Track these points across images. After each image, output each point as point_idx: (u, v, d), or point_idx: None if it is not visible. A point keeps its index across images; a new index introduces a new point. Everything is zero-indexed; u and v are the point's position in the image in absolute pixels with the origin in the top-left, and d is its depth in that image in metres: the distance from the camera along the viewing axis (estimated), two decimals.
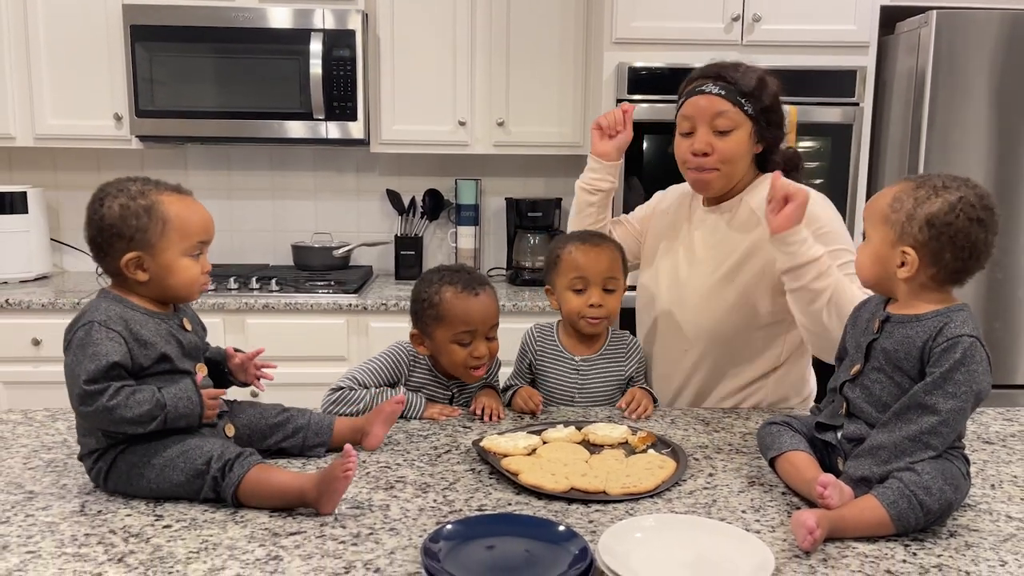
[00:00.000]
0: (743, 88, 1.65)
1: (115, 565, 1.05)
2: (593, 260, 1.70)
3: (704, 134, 1.66)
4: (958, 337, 1.16)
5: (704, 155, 1.66)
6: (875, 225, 1.24)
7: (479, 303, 1.62)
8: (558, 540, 1.06)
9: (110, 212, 1.25)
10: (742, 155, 1.69)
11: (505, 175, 3.53)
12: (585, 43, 3.15)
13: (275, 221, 3.53)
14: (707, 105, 1.65)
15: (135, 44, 2.98)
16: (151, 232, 1.25)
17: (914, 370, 1.20)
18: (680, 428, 1.61)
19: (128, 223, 1.25)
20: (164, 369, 1.27)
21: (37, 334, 2.82)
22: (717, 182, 1.71)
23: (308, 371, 2.90)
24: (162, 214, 1.26)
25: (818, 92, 2.82)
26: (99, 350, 1.20)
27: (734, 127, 1.65)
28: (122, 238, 1.25)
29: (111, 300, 1.27)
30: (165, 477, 1.22)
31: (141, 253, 1.26)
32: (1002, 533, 1.17)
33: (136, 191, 1.27)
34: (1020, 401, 2.79)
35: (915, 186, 1.21)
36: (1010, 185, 2.74)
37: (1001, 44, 2.68)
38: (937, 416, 1.15)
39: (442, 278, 1.64)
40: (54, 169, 3.43)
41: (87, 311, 1.26)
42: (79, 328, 1.23)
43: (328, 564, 1.06)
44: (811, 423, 1.34)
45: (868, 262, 1.25)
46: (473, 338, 1.62)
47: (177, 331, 1.31)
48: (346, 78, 3.03)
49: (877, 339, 1.25)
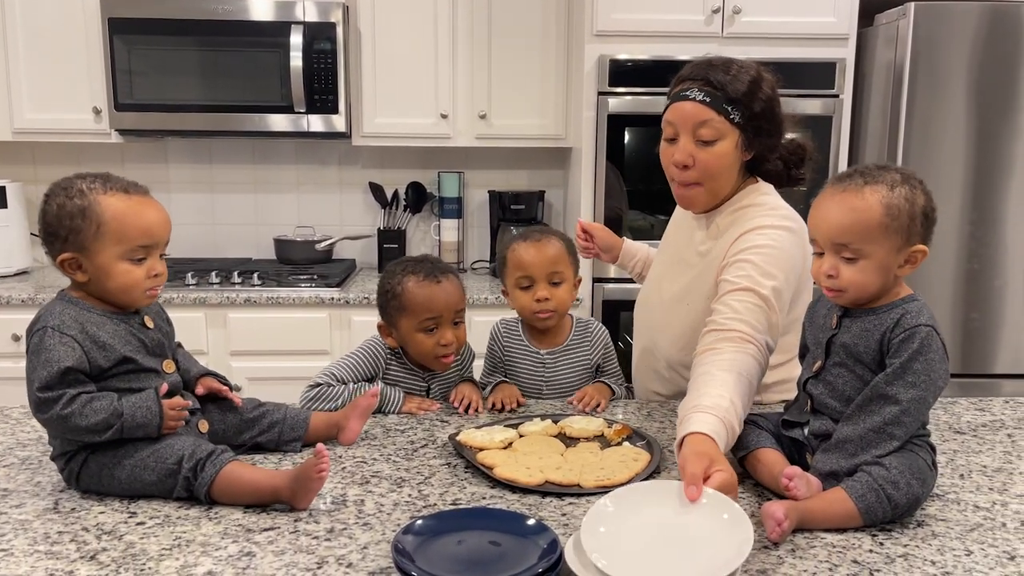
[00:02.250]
0: (731, 94, 1.52)
1: (87, 563, 1.05)
2: (535, 255, 1.70)
3: (686, 143, 1.55)
4: (915, 327, 1.18)
5: (685, 167, 1.56)
6: (875, 240, 1.18)
7: (441, 290, 1.63)
8: (528, 534, 1.07)
9: (49, 210, 1.24)
10: (726, 167, 1.57)
11: (488, 168, 3.53)
12: (567, 35, 3.15)
13: (257, 215, 3.52)
14: (691, 113, 1.53)
15: (113, 36, 2.96)
16: (84, 234, 1.22)
17: (874, 362, 1.22)
18: (656, 421, 1.62)
19: (63, 223, 1.22)
20: (128, 369, 1.26)
21: (17, 330, 2.81)
22: (702, 198, 1.61)
23: (290, 365, 2.90)
24: (97, 215, 1.22)
25: (798, 84, 2.83)
26: (52, 356, 1.19)
27: (719, 137, 1.53)
28: (58, 238, 1.23)
29: (66, 302, 1.25)
30: (136, 477, 1.22)
31: (76, 254, 1.23)
32: (969, 523, 1.19)
33: (76, 190, 1.23)
34: (998, 391, 2.82)
35: (888, 188, 1.18)
36: (987, 176, 2.76)
37: (979, 36, 2.69)
38: (899, 406, 1.17)
39: (404, 269, 1.66)
40: (33, 163, 3.40)
41: (42, 315, 1.24)
42: (34, 334, 1.22)
43: (301, 559, 1.07)
44: (778, 420, 1.36)
45: (874, 278, 1.19)
46: (438, 325, 1.63)
47: (138, 330, 1.29)
48: (327, 71, 3.02)
49: (836, 334, 1.26)
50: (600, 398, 1.69)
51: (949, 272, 2.79)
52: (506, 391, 1.69)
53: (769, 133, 1.58)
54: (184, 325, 2.13)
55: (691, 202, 1.63)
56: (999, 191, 2.77)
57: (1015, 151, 2.75)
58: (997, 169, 2.76)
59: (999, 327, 2.84)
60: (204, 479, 1.20)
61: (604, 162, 2.87)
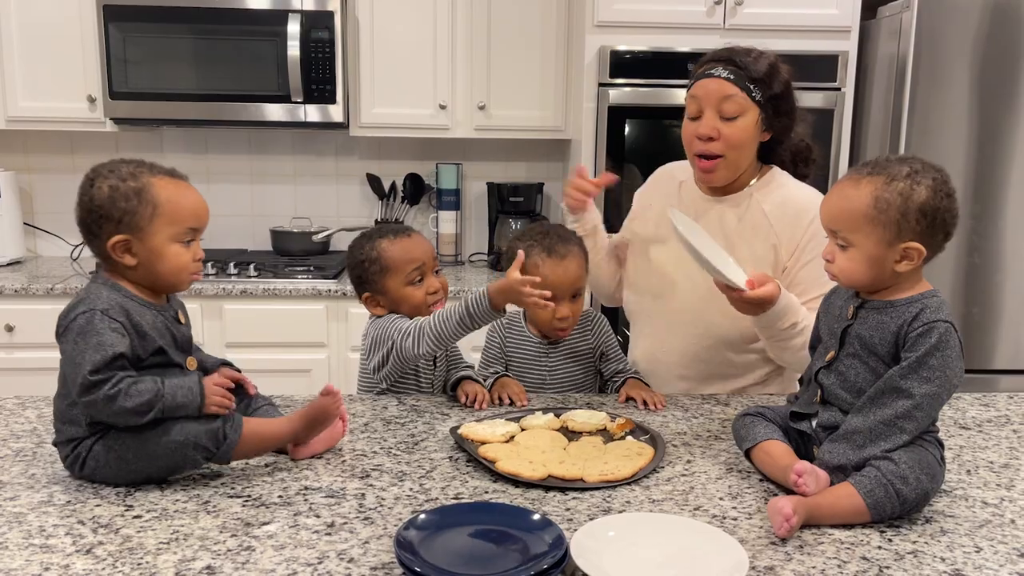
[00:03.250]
0: (753, 74, 1.61)
1: (83, 556, 1.03)
2: (562, 276, 1.65)
3: (711, 118, 1.62)
4: (934, 322, 1.16)
5: (710, 139, 1.62)
6: (860, 229, 1.18)
7: (415, 241, 1.68)
8: (533, 529, 1.06)
9: (99, 193, 1.22)
10: (748, 142, 1.64)
11: (486, 159, 3.50)
12: (567, 26, 3.12)
13: (253, 205, 3.49)
14: (715, 89, 1.61)
15: (108, 24, 2.92)
16: (140, 215, 1.22)
17: (889, 355, 1.20)
18: (659, 415, 1.60)
19: (117, 205, 1.22)
20: (159, 362, 1.25)
21: (10, 320, 2.78)
22: (722, 171, 1.66)
23: (287, 357, 2.89)
24: (152, 197, 1.23)
25: (800, 77, 2.74)
26: (104, 340, 1.18)
27: (741, 112, 1.61)
28: (110, 220, 1.22)
29: (109, 287, 1.24)
30: (143, 456, 1.21)
31: (129, 236, 1.23)
32: (977, 519, 1.18)
33: (127, 172, 1.24)
34: (997, 386, 2.81)
35: (886, 181, 1.17)
36: (989, 170, 2.75)
37: (982, 29, 2.68)
38: (911, 400, 1.15)
39: (371, 236, 1.70)
40: (26, 152, 3.36)
41: (86, 297, 1.22)
42: (79, 315, 1.20)
43: (301, 554, 1.05)
44: (785, 412, 1.34)
45: (862, 267, 1.20)
46: (423, 275, 1.66)
47: (172, 324, 1.29)
48: (325, 60, 2.99)
49: (852, 325, 1.24)
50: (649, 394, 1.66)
51: (949, 266, 2.78)
52: (511, 386, 1.67)
53: (787, 115, 1.67)
54: None
55: (713, 176, 1.68)
56: (1000, 185, 2.76)
57: (1017, 145, 2.73)
58: (998, 163, 2.75)
59: (999, 322, 2.83)
60: (231, 444, 1.23)
61: (604, 154, 2.84)
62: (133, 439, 1.21)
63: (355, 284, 1.72)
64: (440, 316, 1.53)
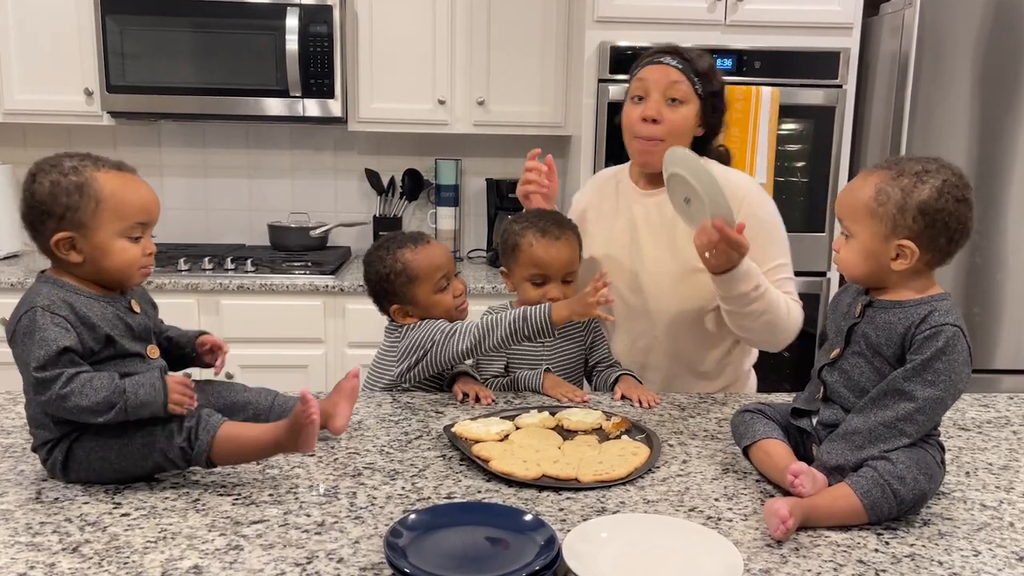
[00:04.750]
0: (697, 67, 1.69)
1: (69, 555, 1.02)
2: (555, 256, 1.67)
3: (656, 102, 1.68)
4: (942, 326, 1.14)
5: (654, 121, 1.67)
6: (860, 220, 1.19)
7: (436, 248, 1.68)
8: (525, 529, 1.04)
9: (40, 189, 1.19)
10: (687, 131, 1.70)
11: (485, 155, 3.49)
12: (567, 21, 3.10)
13: (251, 200, 3.48)
14: (663, 74, 1.68)
15: (106, 17, 2.90)
16: (83, 211, 1.18)
17: (894, 356, 1.18)
18: (655, 413, 1.59)
19: (59, 201, 1.18)
20: (113, 353, 1.22)
21: (5, 314, 2.75)
22: (662, 154, 1.66)
23: (283, 353, 2.87)
24: (95, 192, 1.18)
25: (801, 74, 2.80)
26: (47, 335, 1.15)
27: (685, 100, 1.68)
28: (52, 216, 1.18)
29: (51, 284, 1.21)
30: (126, 456, 1.19)
31: (73, 233, 1.19)
32: (976, 522, 1.16)
33: (69, 167, 1.20)
34: (998, 386, 2.80)
35: (894, 175, 1.16)
36: (992, 169, 2.73)
37: (985, 26, 2.66)
38: (913, 403, 1.14)
39: (388, 248, 1.67)
40: (24, 145, 3.35)
41: (28, 297, 1.20)
42: (22, 316, 1.18)
43: (290, 554, 1.03)
44: (785, 410, 1.33)
45: (858, 259, 1.20)
46: (448, 280, 1.67)
47: (125, 314, 1.25)
48: (323, 54, 2.97)
49: (858, 323, 1.23)
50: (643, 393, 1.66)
51: (950, 266, 2.71)
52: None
53: (720, 113, 1.74)
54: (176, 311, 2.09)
55: (652, 159, 1.71)
56: (1002, 184, 2.74)
57: (1019, 144, 2.72)
58: (1001, 162, 2.73)
59: (1000, 322, 2.81)
60: (201, 445, 1.19)
61: (604, 150, 2.83)
62: (115, 440, 1.19)
63: (378, 296, 1.68)
64: (489, 321, 1.55)
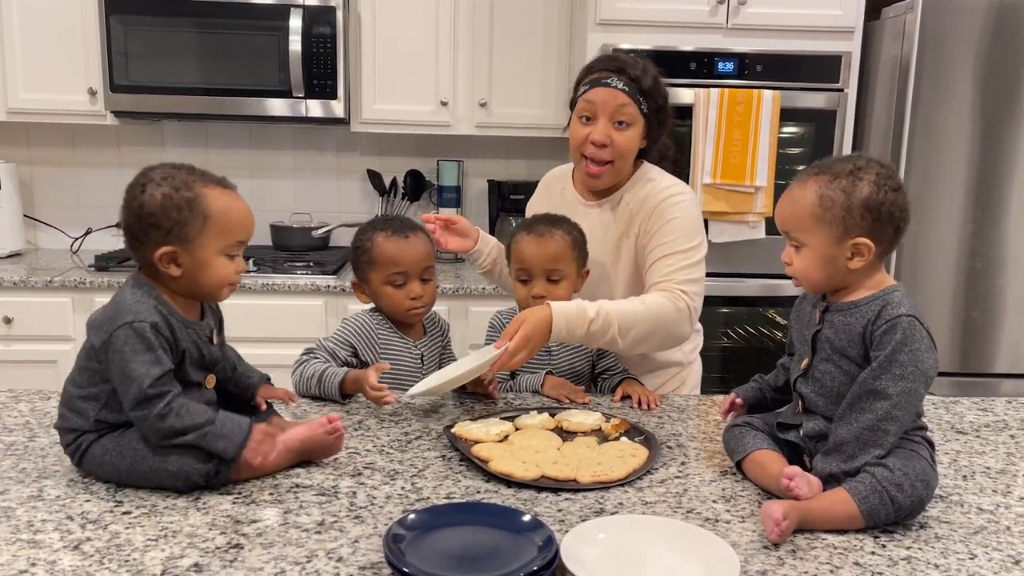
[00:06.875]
0: (642, 86, 1.70)
1: (70, 552, 1.03)
2: (536, 251, 1.68)
3: (604, 126, 1.70)
4: (896, 318, 1.16)
5: (603, 146, 1.70)
6: (808, 229, 1.20)
7: (409, 245, 1.67)
8: (523, 530, 1.05)
9: (151, 200, 1.18)
10: (633, 151, 1.73)
11: (487, 156, 3.49)
12: (569, 23, 3.11)
13: (253, 200, 3.38)
14: (611, 97, 1.69)
15: (110, 16, 2.91)
16: (191, 227, 1.19)
17: (860, 356, 1.20)
18: (654, 415, 1.60)
19: (169, 214, 1.18)
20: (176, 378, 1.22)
21: (8, 312, 2.77)
22: (608, 176, 1.74)
23: (285, 353, 2.84)
24: (204, 208, 1.19)
25: (802, 77, 2.80)
26: (160, 356, 1.17)
27: (632, 122, 1.70)
28: (159, 229, 1.19)
29: (153, 298, 1.21)
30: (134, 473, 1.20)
31: (177, 248, 1.20)
32: (972, 525, 1.17)
33: (181, 181, 1.20)
34: (998, 390, 2.79)
35: (830, 179, 1.18)
36: (992, 173, 2.73)
37: (986, 30, 2.66)
38: (888, 400, 1.15)
39: (374, 226, 1.71)
40: (27, 144, 3.36)
41: (131, 307, 1.19)
42: (125, 325, 1.17)
43: (290, 553, 1.04)
44: (773, 422, 1.33)
45: (815, 267, 1.21)
46: (406, 279, 1.67)
47: (203, 343, 1.26)
48: (326, 55, 2.98)
49: (820, 330, 1.24)
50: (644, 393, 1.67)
51: (951, 270, 2.76)
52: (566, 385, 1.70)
53: (663, 126, 1.78)
54: None
55: (599, 180, 1.75)
56: (1003, 189, 2.74)
57: (1020, 149, 2.72)
58: (1001, 167, 2.73)
59: (1000, 326, 2.81)
60: (220, 479, 1.21)
61: None
62: (132, 453, 1.20)
63: (352, 266, 1.75)
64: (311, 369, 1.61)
